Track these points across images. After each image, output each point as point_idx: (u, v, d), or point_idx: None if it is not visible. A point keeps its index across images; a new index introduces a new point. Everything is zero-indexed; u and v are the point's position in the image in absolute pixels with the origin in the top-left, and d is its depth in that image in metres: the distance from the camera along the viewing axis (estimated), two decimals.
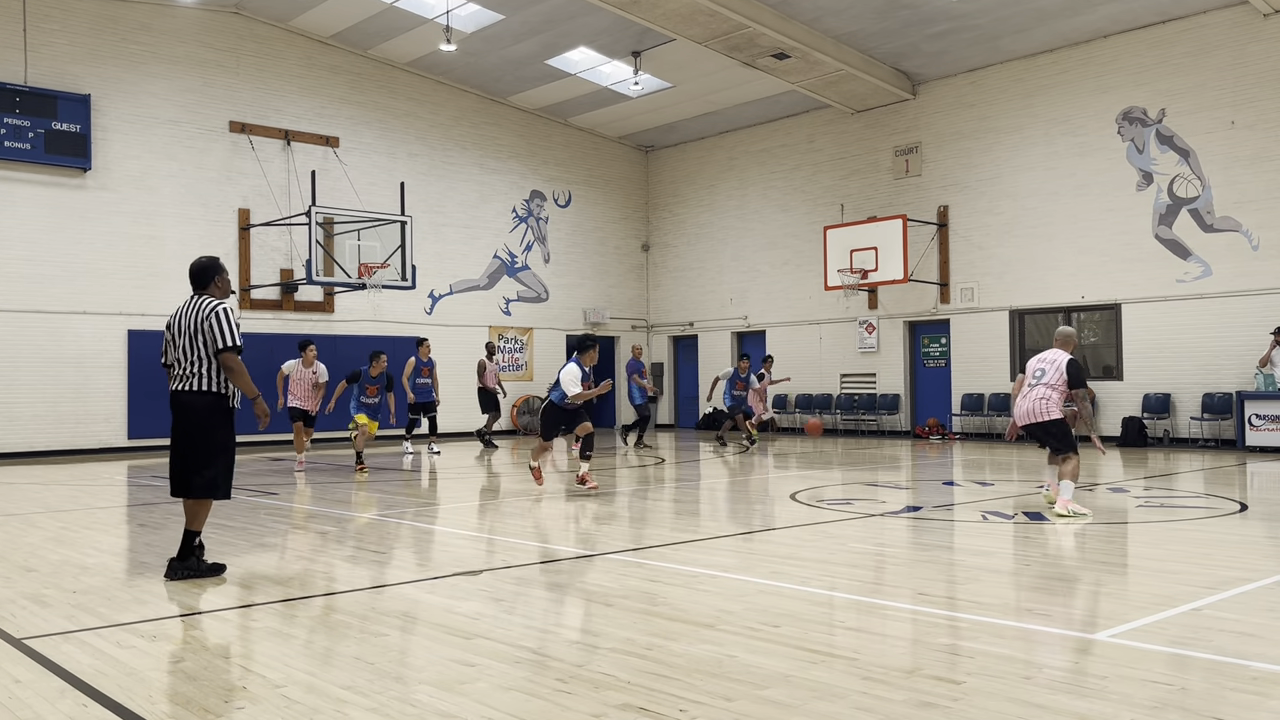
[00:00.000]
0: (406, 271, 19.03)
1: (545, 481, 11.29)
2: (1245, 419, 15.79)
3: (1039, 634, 4.61)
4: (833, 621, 5.01)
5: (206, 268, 6.44)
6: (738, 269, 24.24)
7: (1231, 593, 5.43)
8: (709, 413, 24.57)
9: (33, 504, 10.44)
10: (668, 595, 5.55)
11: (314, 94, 20.71)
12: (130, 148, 18.51)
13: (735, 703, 3.68)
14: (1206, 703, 3.63)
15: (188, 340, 6.23)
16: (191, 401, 6.24)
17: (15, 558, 7.04)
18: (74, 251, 17.80)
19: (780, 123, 23.33)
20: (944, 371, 20.63)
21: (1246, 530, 8.04)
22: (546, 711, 3.62)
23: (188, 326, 6.24)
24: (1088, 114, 18.25)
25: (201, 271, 6.43)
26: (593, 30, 19.43)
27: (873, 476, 12.41)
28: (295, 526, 8.68)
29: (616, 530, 8.19)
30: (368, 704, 3.72)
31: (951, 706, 3.60)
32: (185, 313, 6.30)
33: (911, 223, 20.07)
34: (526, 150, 24.05)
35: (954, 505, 9.56)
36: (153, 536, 7.93)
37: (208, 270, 6.44)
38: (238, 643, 4.78)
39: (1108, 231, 18.01)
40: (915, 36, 18.62)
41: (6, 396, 17.17)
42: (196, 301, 6.31)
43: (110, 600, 5.62)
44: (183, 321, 6.27)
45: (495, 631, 4.78)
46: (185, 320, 6.27)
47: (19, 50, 17.40)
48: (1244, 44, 16.45)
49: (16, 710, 3.70)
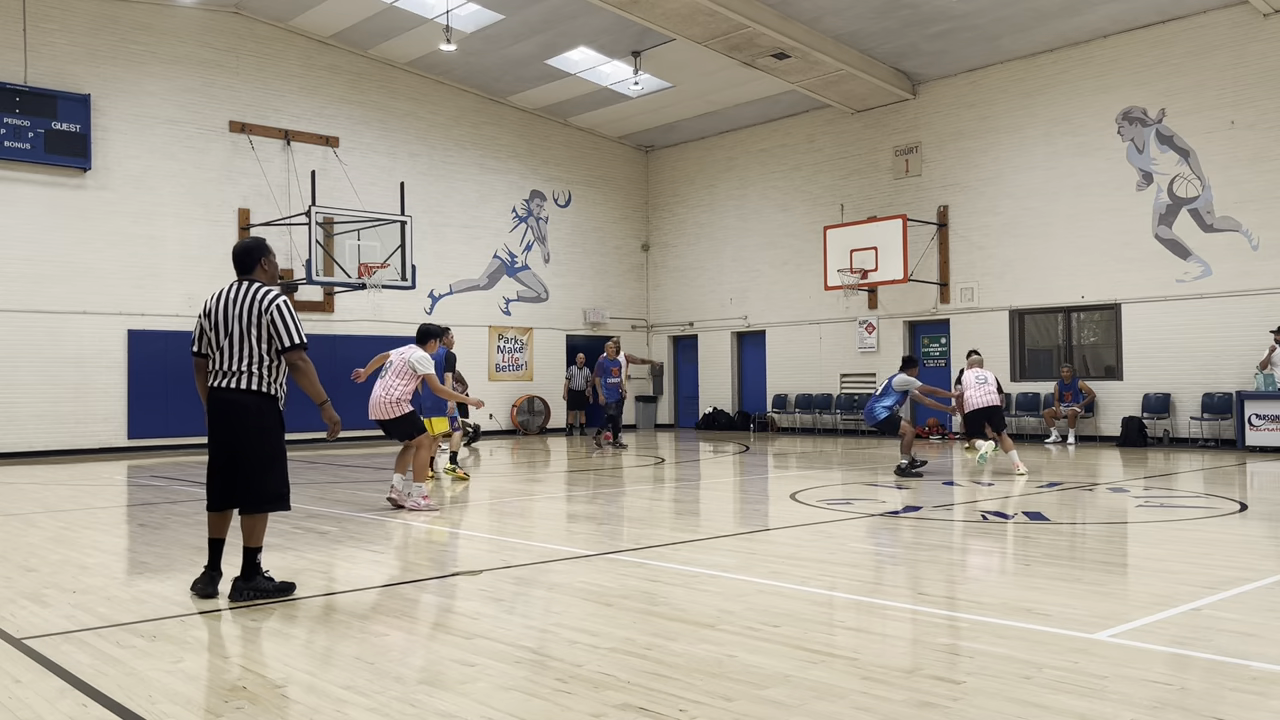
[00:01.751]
0: (406, 271, 19.03)
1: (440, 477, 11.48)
2: (1245, 419, 15.79)
3: (1039, 634, 4.60)
4: (833, 621, 5.01)
5: (252, 249, 5.70)
6: (738, 269, 24.24)
7: (1231, 592, 5.43)
8: (709, 412, 24.59)
9: (33, 504, 10.44)
10: (668, 595, 5.55)
11: (314, 94, 20.71)
12: (130, 147, 18.50)
13: (735, 703, 3.68)
14: (1206, 703, 3.63)
15: (240, 332, 5.49)
16: (243, 401, 5.51)
17: (15, 558, 7.04)
18: (74, 251, 17.80)
19: (780, 123, 23.33)
20: (944, 371, 20.62)
21: (1246, 530, 8.04)
22: (546, 711, 3.62)
23: (240, 316, 5.50)
24: (1088, 114, 18.25)
25: (247, 253, 5.69)
26: (593, 30, 19.43)
27: (873, 476, 12.41)
28: (295, 526, 8.68)
29: (616, 530, 8.19)
30: (368, 704, 3.72)
31: (951, 706, 3.60)
32: (235, 300, 5.54)
33: (911, 223, 20.07)
34: (526, 150, 24.05)
35: (954, 505, 9.56)
36: (153, 536, 7.93)
37: (253, 251, 5.70)
38: (238, 643, 4.78)
39: (1107, 231, 18.01)
40: (915, 36, 18.61)
41: (6, 396, 17.17)
42: (249, 289, 5.56)
43: (110, 600, 5.62)
44: (232, 310, 5.52)
45: (495, 631, 4.78)
46: (237, 309, 5.52)
47: (19, 50, 17.40)
48: (1244, 44, 16.45)
49: (16, 710, 3.70)
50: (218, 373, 5.55)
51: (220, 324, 5.55)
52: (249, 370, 5.50)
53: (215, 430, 5.58)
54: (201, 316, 5.65)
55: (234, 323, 5.51)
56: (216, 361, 5.56)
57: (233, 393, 5.50)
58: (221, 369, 5.54)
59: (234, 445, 5.52)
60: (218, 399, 5.54)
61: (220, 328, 5.54)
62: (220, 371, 5.54)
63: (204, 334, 5.63)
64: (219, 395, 5.54)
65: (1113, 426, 17.82)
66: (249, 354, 5.50)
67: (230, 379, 5.50)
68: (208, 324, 5.60)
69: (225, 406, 5.52)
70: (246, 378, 5.50)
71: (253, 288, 5.58)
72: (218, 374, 5.55)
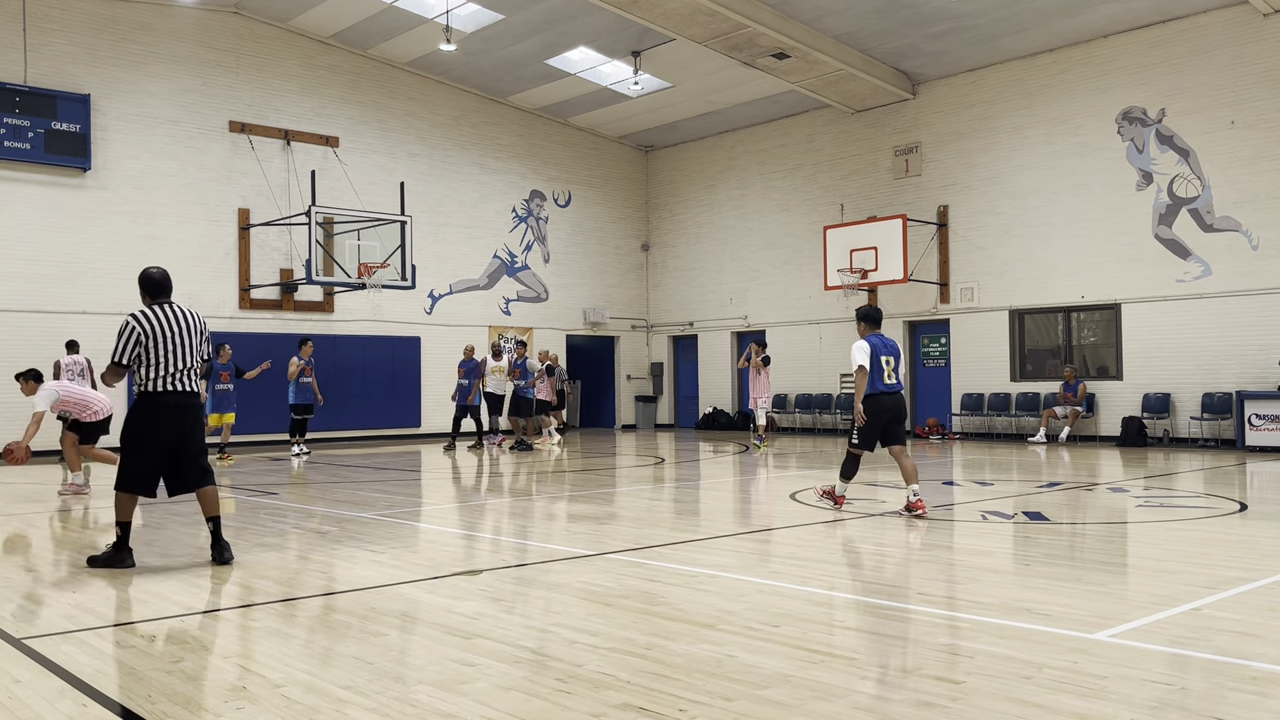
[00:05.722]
0: (406, 271, 19.03)
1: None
2: (1245, 419, 15.79)
3: (1039, 634, 4.60)
4: (833, 621, 5.01)
5: (168, 276, 6.76)
6: (737, 269, 24.24)
7: (1231, 593, 5.43)
8: (709, 412, 24.58)
9: (33, 504, 10.44)
10: (668, 595, 5.55)
11: (314, 94, 20.71)
12: (130, 147, 18.50)
13: (735, 703, 3.68)
14: (1206, 703, 3.63)
15: (191, 343, 6.54)
16: (193, 403, 6.59)
17: (15, 558, 7.04)
18: (74, 251, 17.80)
19: (780, 123, 23.33)
20: (944, 371, 20.63)
21: (1246, 530, 8.04)
22: (546, 711, 3.62)
23: (189, 329, 6.54)
24: (1088, 114, 18.25)
25: (166, 279, 6.71)
26: (592, 30, 19.43)
27: (873, 476, 12.41)
28: (295, 526, 8.68)
29: (616, 530, 8.19)
30: (368, 704, 3.72)
31: (951, 706, 3.60)
32: (181, 317, 6.55)
33: (911, 222, 20.07)
34: (526, 150, 24.05)
35: (954, 505, 9.56)
36: (153, 536, 7.93)
37: (170, 278, 6.77)
38: (238, 643, 4.78)
39: (1107, 231, 18.01)
40: (915, 36, 18.61)
41: (6, 396, 17.15)
42: (183, 308, 6.63)
43: (110, 600, 5.62)
44: (183, 324, 6.52)
45: (495, 631, 4.78)
46: (185, 323, 6.54)
47: (19, 50, 17.40)
48: (1244, 44, 16.45)
49: (16, 710, 3.70)
50: (168, 377, 6.45)
51: (176, 335, 6.49)
52: (191, 374, 6.57)
53: (169, 428, 6.48)
54: (151, 330, 6.44)
55: (188, 334, 6.55)
56: (166, 368, 6.44)
57: (187, 395, 6.54)
58: (174, 373, 6.47)
59: (185, 438, 6.54)
60: (176, 401, 6.48)
61: (176, 338, 6.49)
62: (172, 376, 6.46)
63: (155, 346, 6.43)
64: (177, 398, 6.48)
65: (1113, 426, 17.82)
66: (193, 361, 6.58)
67: (185, 382, 6.52)
68: (159, 336, 6.44)
69: (182, 409, 6.51)
70: (192, 381, 6.58)
71: (185, 307, 6.67)
72: (168, 378, 6.45)
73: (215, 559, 6.53)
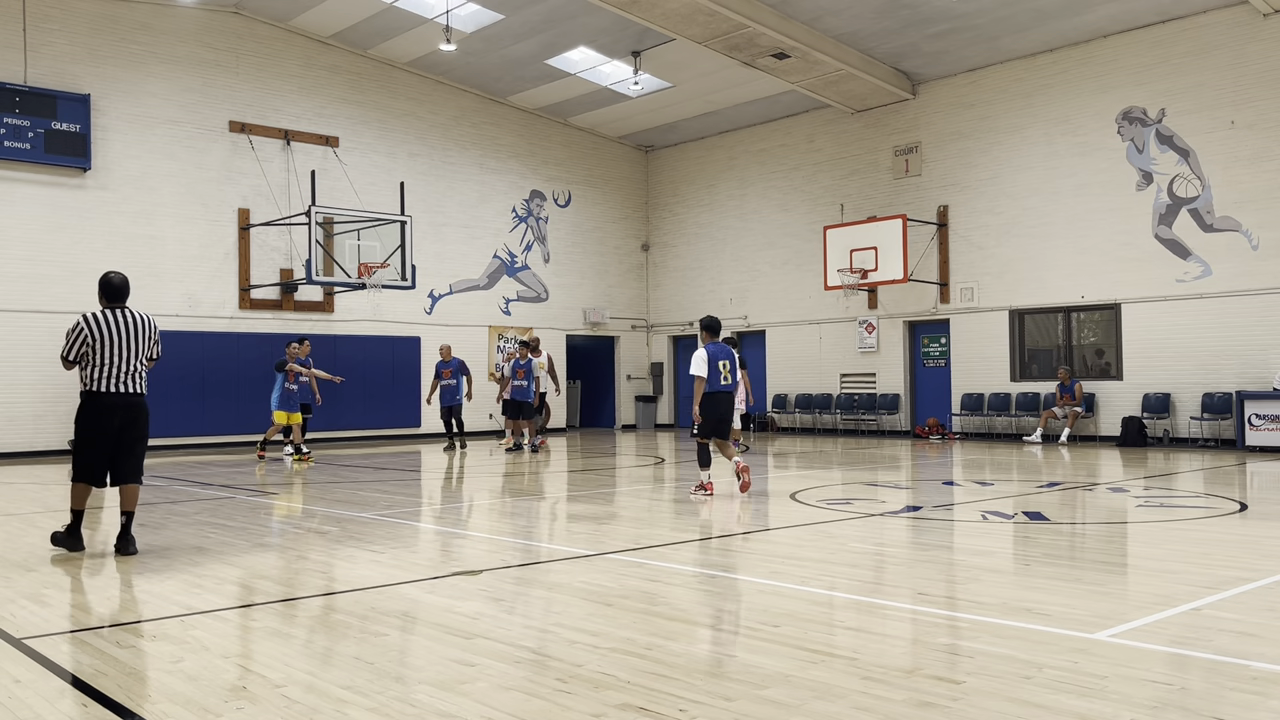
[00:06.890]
0: (406, 271, 19.03)
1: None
2: (1245, 419, 15.80)
3: (1039, 634, 4.60)
4: (833, 621, 5.01)
5: (127, 282, 7.23)
6: (737, 269, 24.24)
7: (1231, 592, 5.43)
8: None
9: (33, 504, 10.44)
10: (668, 595, 5.55)
11: (314, 94, 20.71)
12: (130, 147, 18.50)
13: (735, 703, 3.68)
14: (1206, 703, 3.63)
15: (139, 345, 7.07)
16: (135, 403, 7.08)
17: (15, 558, 7.04)
18: (74, 251, 17.79)
19: (780, 123, 23.33)
20: (944, 371, 20.63)
21: (1246, 530, 8.04)
22: (546, 711, 3.62)
23: (138, 334, 7.06)
24: (1088, 114, 18.25)
25: (125, 284, 7.20)
26: (592, 30, 19.43)
27: (873, 476, 12.41)
28: (295, 526, 8.68)
29: (616, 530, 8.19)
30: (368, 704, 3.72)
31: (951, 706, 3.60)
32: (131, 320, 7.05)
33: (911, 223, 20.07)
34: (526, 150, 24.05)
35: (954, 505, 9.57)
36: (152, 536, 7.93)
37: (128, 284, 7.26)
38: (238, 643, 4.78)
39: (1107, 231, 18.01)
40: (915, 36, 18.61)
41: (6, 396, 17.17)
42: (134, 311, 7.11)
43: (110, 600, 5.62)
44: (133, 329, 7.04)
45: (495, 631, 4.78)
46: (134, 326, 7.05)
47: (19, 50, 17.40)
48: (1244, 44, 16.45)
49: (16, 710, 3.70)
50: (116, 378, 6.95)
51: (125, 337, 6.99)
52: (138, 374, 7.07)
53: (115, 424, 7.00)
54: (100, 330, 6.92)
55: (137, 337, 7.05)
56: (113, 368, 6.93)
57: (135, 396, 7.05)
58: (122, 374, 6.97)
59: (132, 434, 7.09)
60: (123, 400, 6.99)
61: (125, 340, 6.99)
62: (120, 376, 6.97)
63: (104, 346, 6.91)
64: (124, 398, 7.00)
65: (1113, 426, 17.82)
66: (140, 361, 7.08)
67: (134, 383, 7.03)
68: (109, 337, 6.93)
69: (131, 407, 7.05)
70: (140, 382, 7.09)
71: (136, 310, 7.14)
72: (117, 379, 6.95)
73: (119, 550, 7.03)
